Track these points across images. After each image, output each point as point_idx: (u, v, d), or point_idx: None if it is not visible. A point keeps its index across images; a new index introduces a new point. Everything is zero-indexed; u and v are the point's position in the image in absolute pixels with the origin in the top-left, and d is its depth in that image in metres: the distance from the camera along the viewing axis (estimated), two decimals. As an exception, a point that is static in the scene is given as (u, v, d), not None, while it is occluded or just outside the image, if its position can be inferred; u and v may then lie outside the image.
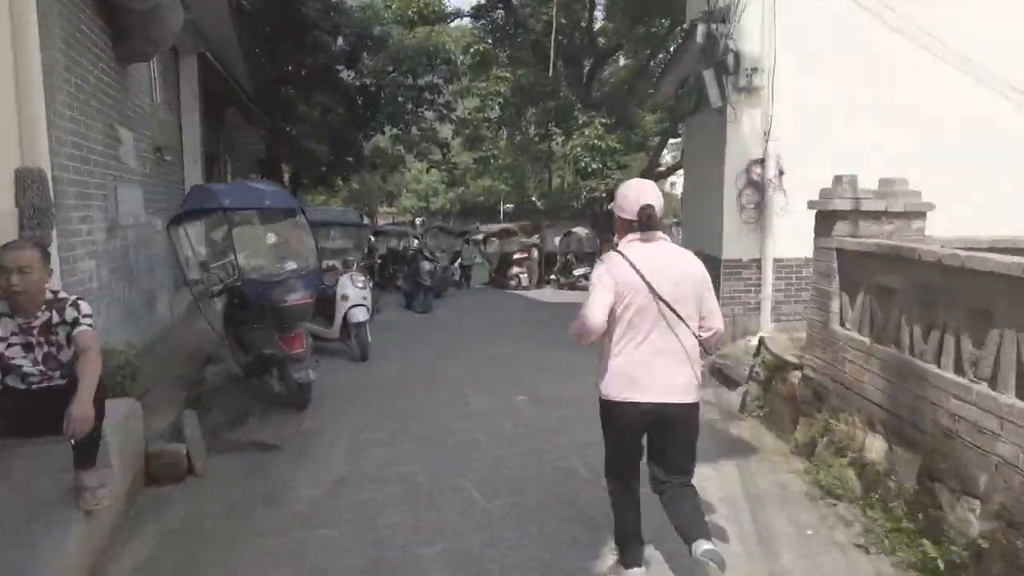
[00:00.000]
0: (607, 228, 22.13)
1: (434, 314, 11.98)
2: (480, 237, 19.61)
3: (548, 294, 16.54)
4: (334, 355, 8.23)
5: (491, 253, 19.88)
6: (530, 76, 17.34)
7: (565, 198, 22.92)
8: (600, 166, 16.63)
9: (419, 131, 16.50)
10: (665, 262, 2.79)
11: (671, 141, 22.30)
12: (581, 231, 18.26)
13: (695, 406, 2.86)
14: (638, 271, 2.71)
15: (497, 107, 16.75)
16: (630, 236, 2.86)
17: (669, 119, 19.54)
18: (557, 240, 19.01)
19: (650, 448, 2.96)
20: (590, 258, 18.10)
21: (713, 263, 8.20)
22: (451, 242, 15.33)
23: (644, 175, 22.89)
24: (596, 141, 16.44)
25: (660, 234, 2.86)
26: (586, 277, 18.90)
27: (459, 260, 16.40)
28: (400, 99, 17.70)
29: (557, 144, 19.24)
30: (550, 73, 17.80)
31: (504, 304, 14.34)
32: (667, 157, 23.82)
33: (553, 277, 18.86)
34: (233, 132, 15.98)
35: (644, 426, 2.84)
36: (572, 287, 17.94)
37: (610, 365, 2.80)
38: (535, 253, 20.81)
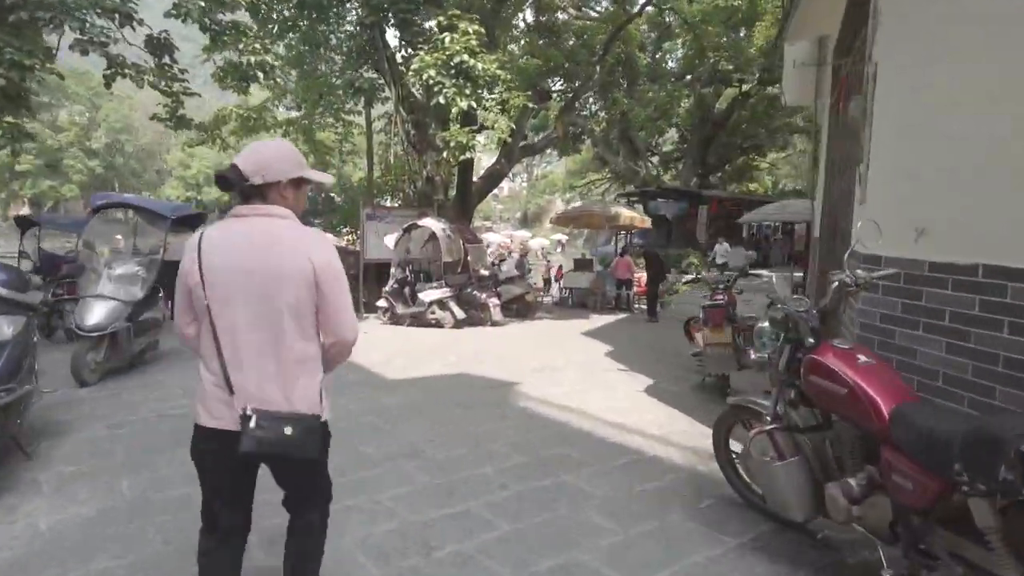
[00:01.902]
0: (459, 216, 14.48)
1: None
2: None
3: (392, 340, 8.56)
4: None
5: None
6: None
7: (391, 179, 14.96)
8: (472, 104, 9.01)
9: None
10: (249, 245, 1.86)
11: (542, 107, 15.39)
12: (434, 225, 10.48)
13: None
14: (200, 262, 1.86)
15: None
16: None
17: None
18: (390, 241, 11.01)
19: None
20: (451, 270, 10.45)
21: None
22: (149, 242, 6.80)
23: (505, 149, 15.74)
24: (467, 58, 8.80)
25: (264, 207, 1.90)
26: (443, 305, 11.21)
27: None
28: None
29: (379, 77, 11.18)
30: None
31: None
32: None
33: (382, 304, 10.83)
34: None
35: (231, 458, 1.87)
36: (419, 321, 10.19)
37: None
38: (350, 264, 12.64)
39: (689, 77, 24.37)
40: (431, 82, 8.91)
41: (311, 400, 1.89)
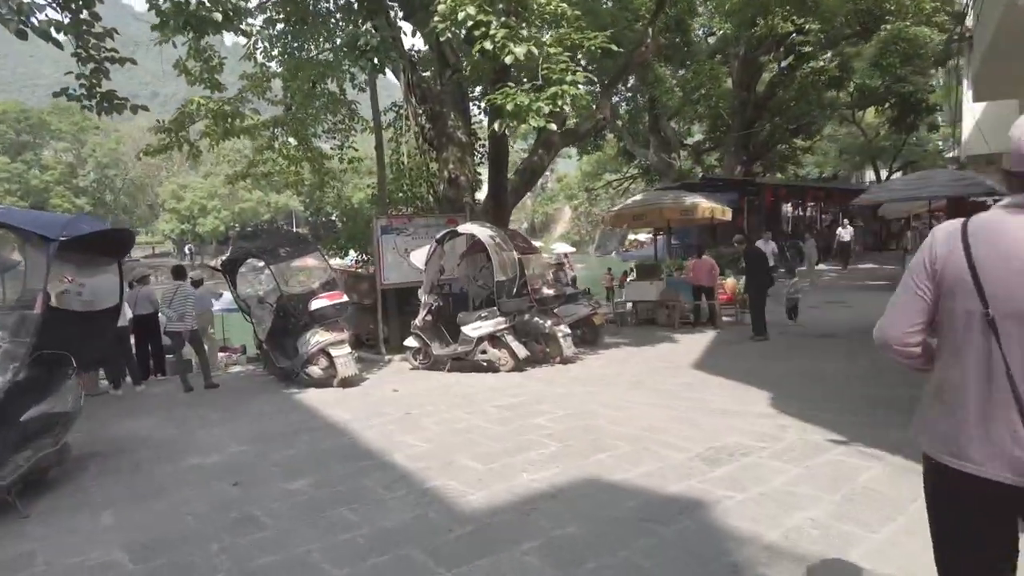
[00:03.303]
0: (494, 222, 11.13)
1: None
2: (223, 259, 8.34)
3: (437, 405, 5.65)
4: None
5: (263, 298, 8.53)
6: None
7: (406, 183, 12.13)
8: (532, 50, 6.15)
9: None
10: None
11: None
12: (479, 231, 7.61)
13: None
14: (970, 260, 1.47)
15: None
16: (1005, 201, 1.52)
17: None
18: (419, 258, 8.16)
19: None
20: (505, 291, 7.54)
21: None
22: (19, 283, 4.03)
23: (543, 136, 12.89)
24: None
25: None
26: (497, 341, 8.11)
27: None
28: None
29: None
30: None
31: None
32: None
33: (412, 344, 7.94)
34: None
35: (994, 518, 1.51)
36: (465, 364, 7.36)
37: (926, 401, 1.63)
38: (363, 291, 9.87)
39: (719, 57, 21.64)
40: (470, 23, 6.08)
41: None
